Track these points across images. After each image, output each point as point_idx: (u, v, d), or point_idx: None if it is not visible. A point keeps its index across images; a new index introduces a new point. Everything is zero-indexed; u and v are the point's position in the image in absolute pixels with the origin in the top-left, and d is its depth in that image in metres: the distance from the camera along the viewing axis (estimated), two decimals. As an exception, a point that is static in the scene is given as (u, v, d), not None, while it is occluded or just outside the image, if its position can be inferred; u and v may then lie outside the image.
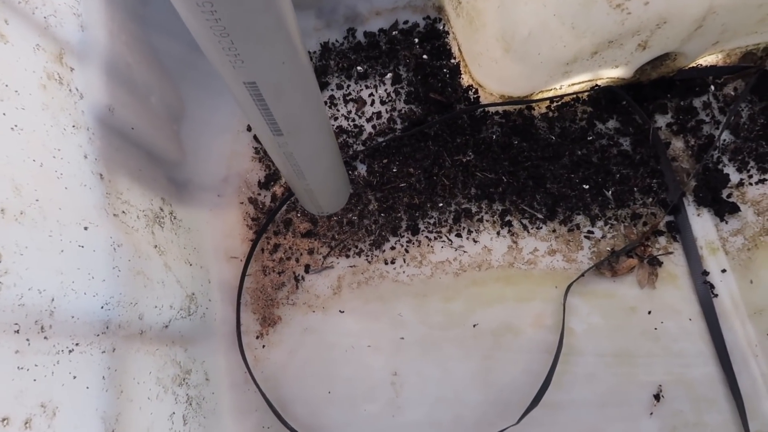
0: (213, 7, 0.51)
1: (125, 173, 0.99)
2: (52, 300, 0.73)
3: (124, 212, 0.95)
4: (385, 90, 1.30)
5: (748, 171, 1.22)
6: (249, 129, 1.30)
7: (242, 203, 1.26)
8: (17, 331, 0.67)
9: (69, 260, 0.77)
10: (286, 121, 0.70)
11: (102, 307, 0.83)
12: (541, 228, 1.21)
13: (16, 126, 0.75)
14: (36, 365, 0.69)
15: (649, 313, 1.16)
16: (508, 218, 1.22)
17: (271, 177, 1.27)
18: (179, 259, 1.09)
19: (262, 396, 1.12)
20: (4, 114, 0.74)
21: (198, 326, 1.11)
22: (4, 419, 0.62)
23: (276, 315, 1.19)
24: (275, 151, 0.80)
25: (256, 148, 1.28)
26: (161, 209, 1.10)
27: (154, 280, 0.96)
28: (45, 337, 0.71)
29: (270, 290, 1.21)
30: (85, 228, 0.82)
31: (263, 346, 1.18)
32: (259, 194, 1.26)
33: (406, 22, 1.33)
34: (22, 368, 0.67)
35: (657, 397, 1.10)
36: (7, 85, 0.76)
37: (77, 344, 0.77)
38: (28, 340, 0.69)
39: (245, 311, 1.20)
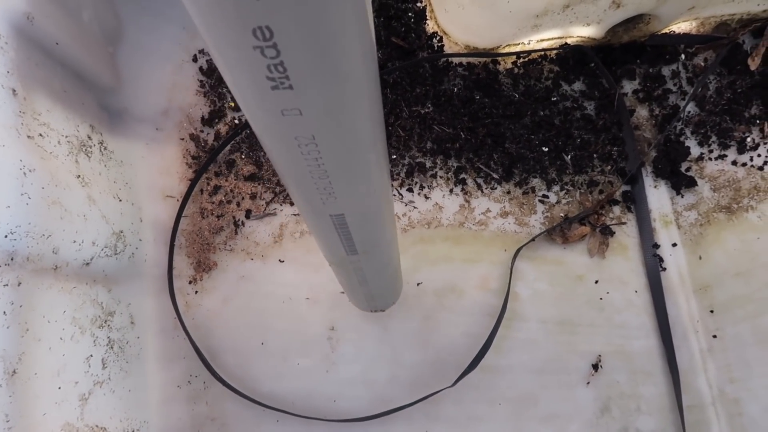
0: (319, 154, 0.44)
1: (46, 93, 0.90)
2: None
3: (41, 135, 0.86)
4: (345, 30, 1.21)
5: (709, 146, 1.19)
6: (195, 60, 1.20)
7: (182, 139, 1.17)
8: None
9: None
10: (364, 243, 0.68)
11: (6, 236, 0.75)
12: (496, 188, 1.17)
13: None
14: None
15: (596, 282, 1.13)
16: (462, 176, 1.17)
17: (216, 114, 1.18)
18: (107, 193, 1.01)
19: (191, 343, 1.06)
20: None
21: (125, 266, 1.04)
22: None
23: (212, 260, 1.13)
24: (344, 267, 0.78)
25: (201, 81, 1.19)
26: (89, 137, 1.01)
27: (73, 212, 0.88)
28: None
29: (207, 234, 1.14)
30: (-11, 147, 0.73)
31: (196, 292, 1.11)
32: (202, 131, 1.18)
33: (372, -41, 1.24)
34: None
35: (595, 366, 1.09)
36: None
37: (-28, 274, 0.69)
38: None
39: (179, 254, 1.13)
